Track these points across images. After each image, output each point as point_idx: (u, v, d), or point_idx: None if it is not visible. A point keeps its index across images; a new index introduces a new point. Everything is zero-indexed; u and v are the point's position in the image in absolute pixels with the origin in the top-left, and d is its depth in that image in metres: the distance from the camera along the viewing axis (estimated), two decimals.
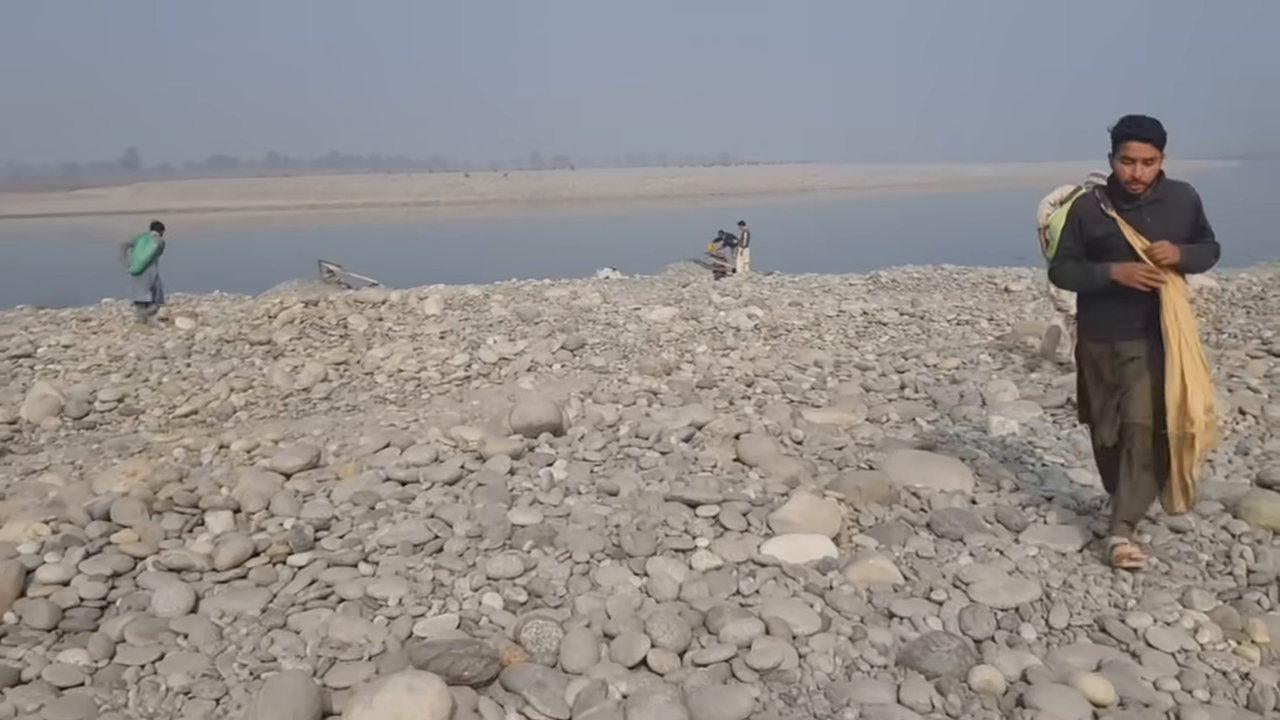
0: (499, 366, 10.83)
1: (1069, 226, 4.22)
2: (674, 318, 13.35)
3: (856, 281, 19.61)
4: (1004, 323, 12.26)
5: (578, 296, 15.96)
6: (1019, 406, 6.87)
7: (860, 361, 8.98)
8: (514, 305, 15.13)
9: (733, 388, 7.97)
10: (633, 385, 8.33)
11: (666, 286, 21.05)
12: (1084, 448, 5.87)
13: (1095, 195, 4.17)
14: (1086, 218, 4.14)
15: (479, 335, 12.63)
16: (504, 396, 9.66)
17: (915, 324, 12.38)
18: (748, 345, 11.80)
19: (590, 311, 13.90)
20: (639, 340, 11.96)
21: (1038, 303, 14.91)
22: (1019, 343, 9.78)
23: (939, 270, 20.63)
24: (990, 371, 8.43)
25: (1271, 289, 16.05)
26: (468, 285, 19.83)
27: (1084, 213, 4.18)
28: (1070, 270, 4.23)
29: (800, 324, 12.73)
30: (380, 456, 5.75)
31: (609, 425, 6.43)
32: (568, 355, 11.22)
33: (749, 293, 16.59)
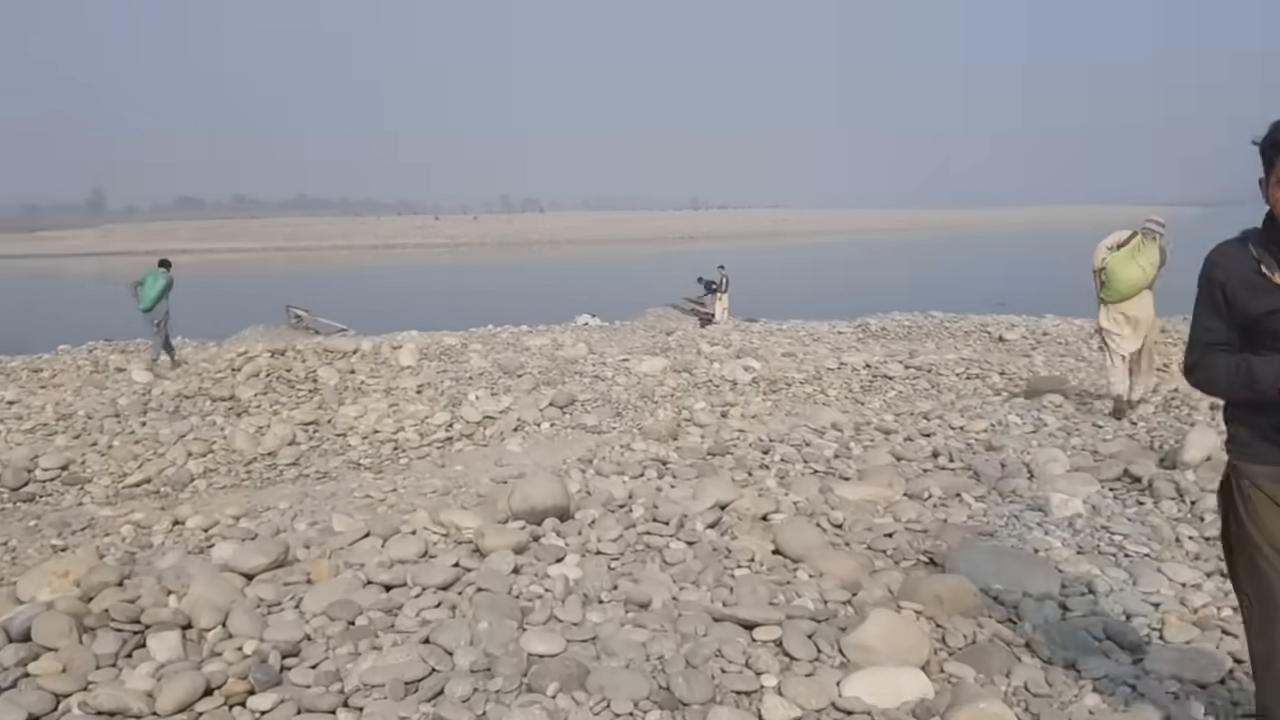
0: (483, 426, 10.00)
1: (1207, 299, 2.76)
2: (665, 370, 12.60)
3: (845, 329, 18.97)
4: (1016, 376, 11.61)
5: (561, 346, 15.17)
6: (1073, 480, 6.16)
7: (881, 424, 8.24)
8: (494, 356, 14.32)
9: (748, 455, 7.21)
10: (638, 453, 7.54)
11: (649, 334, 20.31)
12: (1166, 534, 5.16)
13: (1246, 249, 2.69)
14: (1237, 285, 2.68)
15: (459, 389, 11.80)
16: (490, 461, 8.85)
17: (923, 378, 11.69)
18: (747, 401, 11.05)
19: (576, 363, 13.11)
20: (631, 395, 11.18)
21: (1045, 354, 14.32)
22: (1043, 402, 9.08)
23: (929, 318, 20.05)
24: (1025, 436, 7.72)
25: None
26: (443, 332, 19.02)
27: (1231, 277, 2.69)
28: (1221, 369, 2.74)
29: (800, 377, 12.01)
30: (359, 550, 4.92)
31: (620, 505, 5.63)
32: (557, 413, 10.41)
33: (739, 342, 15.88)
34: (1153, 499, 5.83)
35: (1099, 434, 7.78)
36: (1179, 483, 5.93)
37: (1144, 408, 8.63)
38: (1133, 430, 7.81)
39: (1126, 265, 8.49)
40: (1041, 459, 6.59)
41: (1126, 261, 8.50)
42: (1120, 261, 8.52)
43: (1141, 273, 8.47)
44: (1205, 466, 6.24)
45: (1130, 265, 8.48)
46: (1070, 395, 9.62)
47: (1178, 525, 5.31)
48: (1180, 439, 7.27)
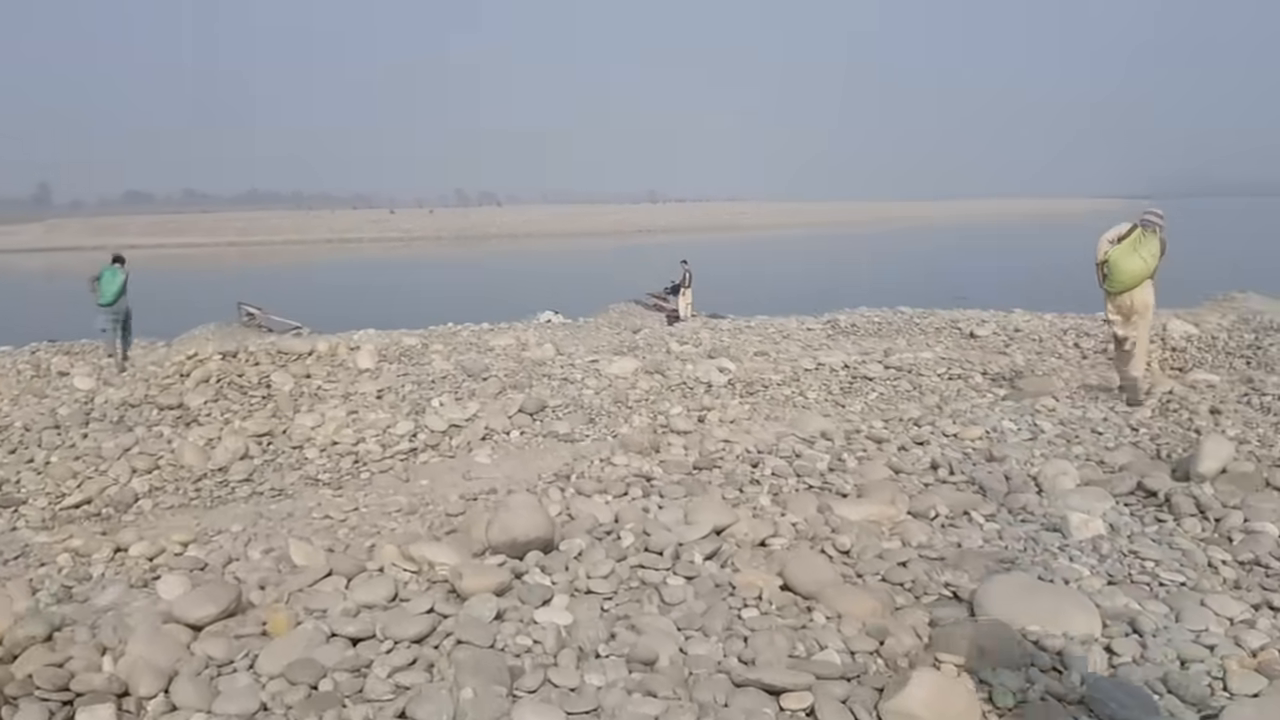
0: (449, 435, 9.46)
1: None
2: (637, 371, 12.13)
3: (814, 326, 18.60)
4: (999, 376, 11.27)
5: (526, 346, 14.64)
6: (1086, 495, 5.78)
7: (873, 432, 7.82)
8: (457, 357, 13.75)
9: (736, 469, 6.76)
10: (619, 468, 7.05)
11: (614, 331, 19.84)
12: (1198, 559, 4.79)
13: None
14: None
15: (422, 395, 11.25)
16: (458, 474, 8.34)
17: (904, 379, 11.31)
18: (724, 405, 10.63)
19: (544, 365, 12.60)
20: (604, 400, 10.70)
21: (1021, 351, 14.03)
22: (1035, 405, 8.72)
23: (897, 313, 19.75)
24: (1023, 444, 7.34)
25: (1242, 332, 15.42)
26: (401, 331, 18.40)
27: None
28: None
29: (777, 379, 11.59)
30: (320, 593, 4.40)
31: (606, 531, 5.16)
32: (527, 420, 9.90)
33: (709, 341, 15.45)
34: (1173, 516, 5.47)
35: (1100, 441, 7.42)
36: (1198, 498, 5.58)
37: (1142, 412, 8.31)
38: (1135, 437, 7.46)
39: (1128, 257, 8.86)
40: (1050, 472, 6.20)
41: (1128, 254, 8.87)
42: (1122, 254, 8.89)
43: (1143, 264, 8.85)
44: (1223, 479, 5.90)
45: (1132, 257, 8.85)
46: (1060, 397, 9.29)
47: (1208, 548, 4.95)
48: (1188, 447, 6.95)
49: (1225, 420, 7.49)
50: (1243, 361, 12.34)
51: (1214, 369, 12.27)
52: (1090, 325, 16.39)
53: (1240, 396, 8.43)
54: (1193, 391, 8.92)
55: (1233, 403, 8.22)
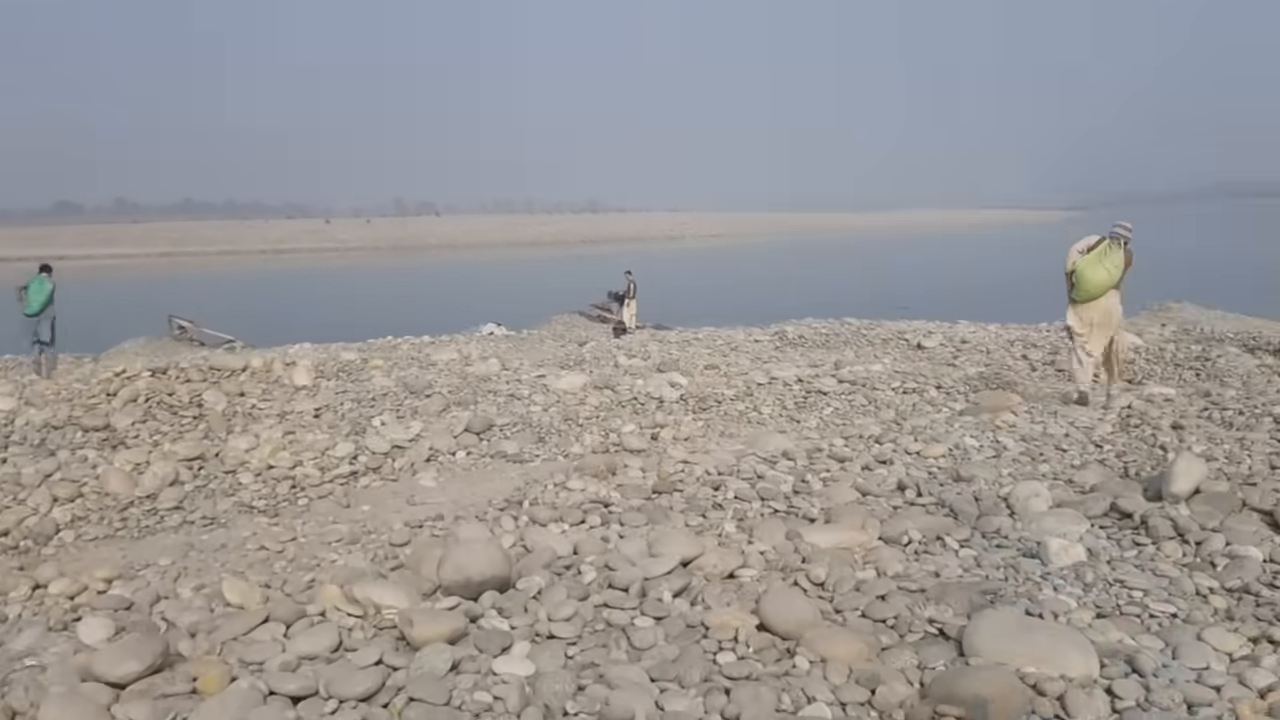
0: (391, 457, 9.04)
1: None
2: (586, 387, 11.81)
3: (762, 337, 18.48)
4: (953, 390, 11.14)
5: (470, 361, 14.25)
6: (1061, 518, 5.58)
7: (834, 451, 7.60)
8: (398, 373, 13.32)
9: (698, 493, 6.47)
10: (575, 493, 6.72)
11: (559, 344, 19.55)
12: (1186, 587, 4.60)
13: None
14: None
15: (362, 413, 10.82)
16: (402, 499, 7.95)
17: (859, 393, 11.13)
18: (678, 422, 10.34)
19: (489, 381, 12.22)
20: (553, 417, 10.35)
21: (970, 363, 13.97)
22: (995, 421, 8.57)
23: (844, 324, 19.69)
24: (988, 463, 7.16)
25: (1186, 343, 15.54)
26: (339, 345, 17.87)
27: None
28: None
29: (730, 394, 11.34)
30: (256, 642, 4.02)
31: (566, 566, 4.84)
32: (473, 440, 9.52)
33: (658, 354, 15.19)
34: (1151, 540, 5.29)
35: (1065, 458, 7.27)
36: (1176, 520, 5.41)
37: (1103, 427, 8.19)
38: (1101, 454, 7.32)
39: (1094, 268, 9.26)
40: (1022, 494, 6.00)
41: (1094, 264, 9.27)
42: (1089, 264, 9.28)
43: (1108, 274, 9.25)
44: (1198, 500, 5.75)
45: (1097, 268, 9.25)
46: (1018, 412, 9.15)
47: (1193, 574, 4.76)
48: (1157, 465, 6.82)
49: (1189, 436, 7.37)
50: (1192, 373, 12.37)
51: (1164, 381, 12.29)
52: (1036, 336, 16.43)
53: (1200, 411, 8.35)
54: (1152, 405, 8.83)
55: (1193, 417, 8.13)
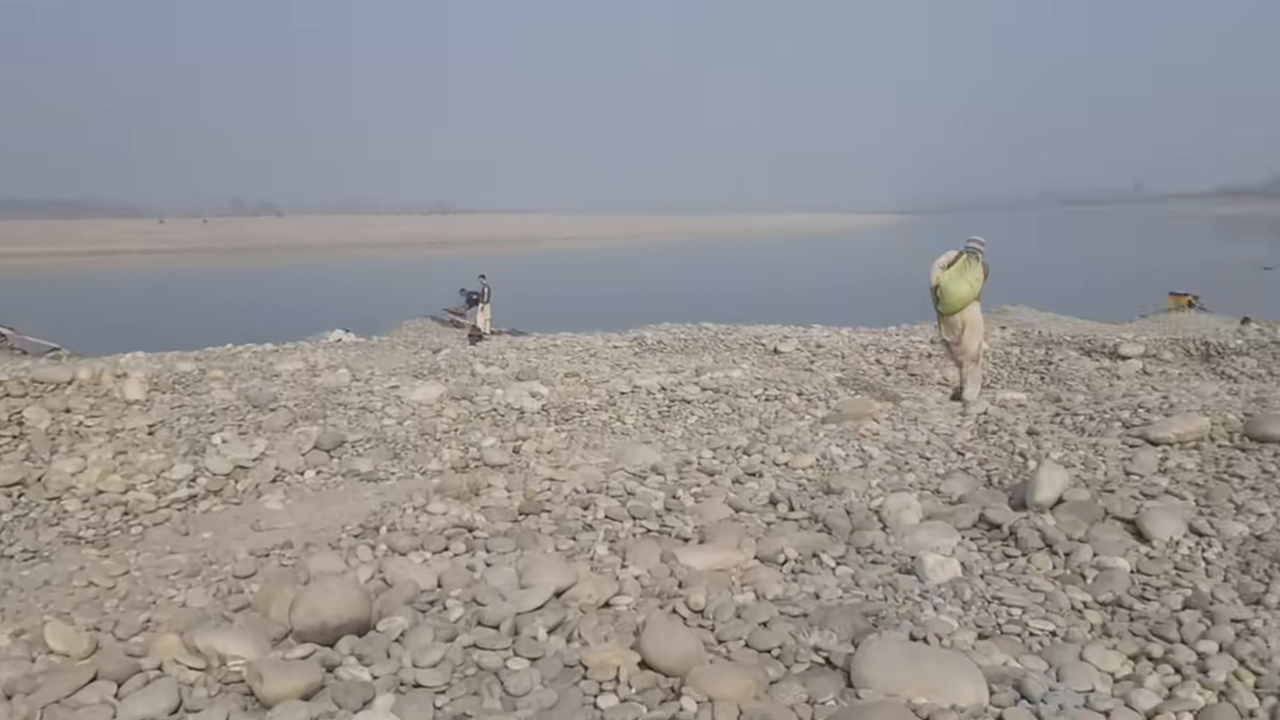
0: (234, 478, 8.42)
1: None
2: (442, 398, 11.37)
3: (621, 343, 18.30)
4: (814, 396, 11.19)
5: (318, 371, 13.60)
6: (933, 531, 5.56)
7: (704, 464, 7.45)
8: (240, 385, 12.58)
9: (566, 513, 6.20)
10: (436, 517, 6.33)
11: (412, 351, 18.92)
12: (1061, 602, 4.60)
13: None
14: None
15: (201, 430, 10.11)
16: (246, 524, 7.39)
17: (722, 401, 11.05)
18: (540, 434, 10.03)
19: (339, 392, 11.65)
20: (409, 432, 9.89)
21: (828, 367, 14.14)
22: (860, 429, 8.60)
23: (702, 329, 19.73)
24: (856, 473, 7.14)
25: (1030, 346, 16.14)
26: (174, 354, 16.82)
27: None
28: None
29: (593, 403, 11.10)
30: (83, 705, 3.55)
31: (430, 601, 4.51)
32: (323, 457, 8.97)
33: (516, 362, 14.82)
34: (1021, 552, 5.31)
35: (930, 466, 7.32)
36: (1043, 530, 5.45)
37: (962, 434, 8.32)
38: (963, 462, 7.40)
39: (957, 282, 9.78)
40: (893, 506, 5.96)
41: (957, 279, 9.78)
42: (951, 279, 9.80)
43: (969, 287, 9.82)
44: (1063, 510, 5.81)
45: (960, 282, 9.78)
46: (879, 419, 9.23)
47: (1066, 587, 4.78)
48: (1018, 472, 6.92)
49: (1045, 443, 7.52)
50: (1037, 376, 12.82)
51: (1012, 384, 12.70)
52: (888, 340, 16.81)
53: (1053, 416, 8.57)
54: (1006, 411, 9.03)
55: (1046, 423, 8.33)
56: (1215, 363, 13.89)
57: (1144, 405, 8.29)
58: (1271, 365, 12.92)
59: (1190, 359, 14.43)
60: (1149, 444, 7.22)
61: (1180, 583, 4.75)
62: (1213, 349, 14.36)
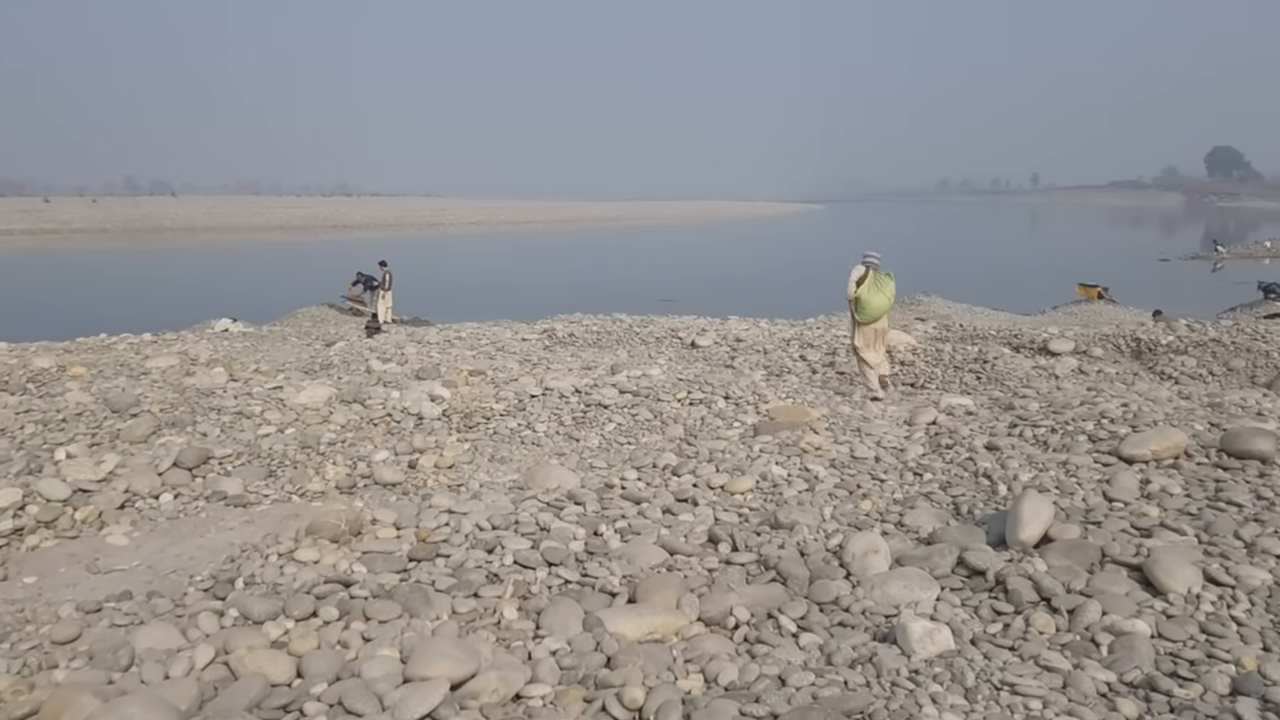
0: (72, 505, 7.08)
1: None
2: (331, 401, 10.17)
3: (530, 336, 17.23)
4: (741, 400, 10.26)
5: (193, 369, 12.23)
6: (908, 581, 4.65)
7: (628, 489, 6.44)
8: (101, 385, 11.18)
9: (467, 559, 5.13)
10: (305, 568, 5.18)
11: (304, 342, 17.55)
12: (1085, 686, 3.72)
13: None
14: None
15: (46, 440, 8.76)
16: (82, 565, 6.14)
17: (642, 405, 10.04)
18: (440, 445, 8.90)
19: (212, 395, 10.33)
20: (289, 443, 8.65)
21: (749, 365, 13.28)
22: (801, 444, 7.69)
23: (615, 321, 18.77)
24: (803, 498, 6.22)
25: (962, 343, 15.55)
26: (38, 345, 15.20)
27: None
28: None
29: (500, 408, 10.00)
30: None
31: (283, 707, 3.42)
32: (184, 477, 7.69)
33: (416, 357, 13.65)
34: (1014, 608, 4.43)
35: (885, 489, 6.44)
36: (1036, 580, 4.59)
37: (913, 448, 7.47)
38: (922, 485, 6.53)
39: (875, 295, 10.67)
40: (857, 549, 5.03)
41: (875, 292, 10.66)
42: (869, 292, 10.65)
43: (887, 300, 10.80)
44: (1053, 551, 4.96)
45: (878, 295, 10.68)
46: (819, 429, 8.35)
47: (1083, 663, 3.89)
48: (987, 498, 6.07)
49: (1010, 461, 6.71)
50: (973, 376, 12.12)
51: (947, 385, 11.98)
52: (810, 334, 16.01)
53: (1009, 427, 7.78)
54: (957, 421, 8.23)
55: (1004, 435, 7.54)
56: (1149, 360, 13.42)
57: (1106, 415, 7.54)
58: (1211, 365, 12.46)
59: (1123, 356, 13.95)
60: (1122, 461, 6.46)
61: (1216, 653, 3.92)
62: (1144, 345, 13.89)
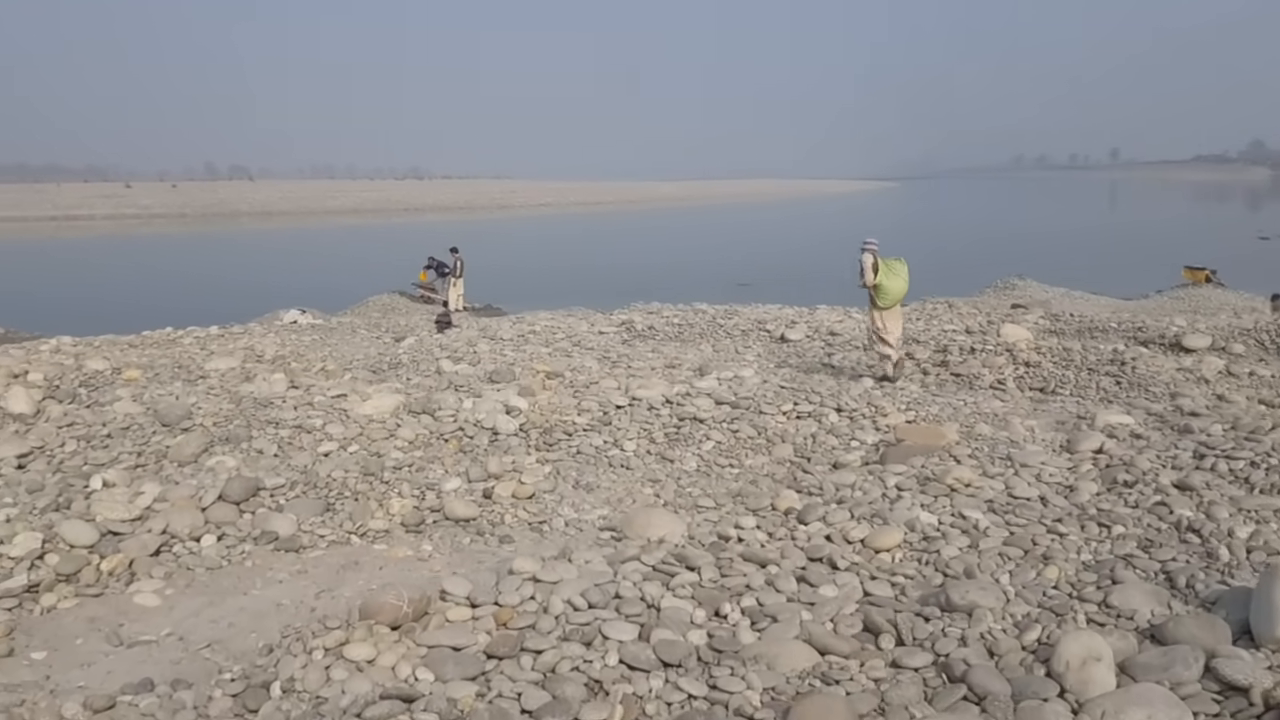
0: (99, 552, 6.12)
1: None
2: (398, 411, 9.20)
3: (607, 329, 16.13)
4: (856, 414, 9.02)
5: (251, 374, 11.35)
6: (1148, 703, 3.45)
7: (749, 546, 5.28)
8: (154, 391, 10.35)
9: (559, 659, 4.03)
10: (357, 675, 4.11)
11: (373, 335, 16.69)
12: None
13: None
14: None
15: (87, 461, 7.93)
16: (102, 635, 5.19)
17: (743, 419, 8.85)
18: (517, 467, 7.85)
19: (269, 406, 9.42)
20: (349, 468, 7.64)
21: (846, 361, 12.01)
22: (945, 480, 6.45)
23: (698, 313, 17.60)
24: (966, 558, 5.01)
25: (1082, 337, 14.17)
26: (104, 339, 14.50)
27: None
28: None
29: (583, 422, 8.92)
30: None
31: None
32: (231, 514, 6.72)
33: (489, 356, 12.65)
34: None
35: (1068, 549, 5.18)
36: None
37: (1085, 485, 6.20)
38: (1119, 544, 5.25)
39: (893, 280, 10.83)
40: (1072, 655, 3.79)
41: (892, 277, 10.83)
42: (888, 278, 10.80)
43: (904, 284, 10.97)
44: None
45: (896, 280, 10.85)
46: (961, 457, 7.11)
47: None
48: (1208, 564, 4.81)
49: (1218, 510, 5.42)
50: (1110, 381, 10.72)
51: (1082, 390, 10.59)
52: (912, 327, 14.66)
53: (1196, 458, 6.47)
54: (1125, 446, 6.93)
55: (1190, 468, 6.23)
56: None
57: None
58: None
59: (1267, 353, 12.42)
60: None
61: None
62: None
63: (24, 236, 68.75)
